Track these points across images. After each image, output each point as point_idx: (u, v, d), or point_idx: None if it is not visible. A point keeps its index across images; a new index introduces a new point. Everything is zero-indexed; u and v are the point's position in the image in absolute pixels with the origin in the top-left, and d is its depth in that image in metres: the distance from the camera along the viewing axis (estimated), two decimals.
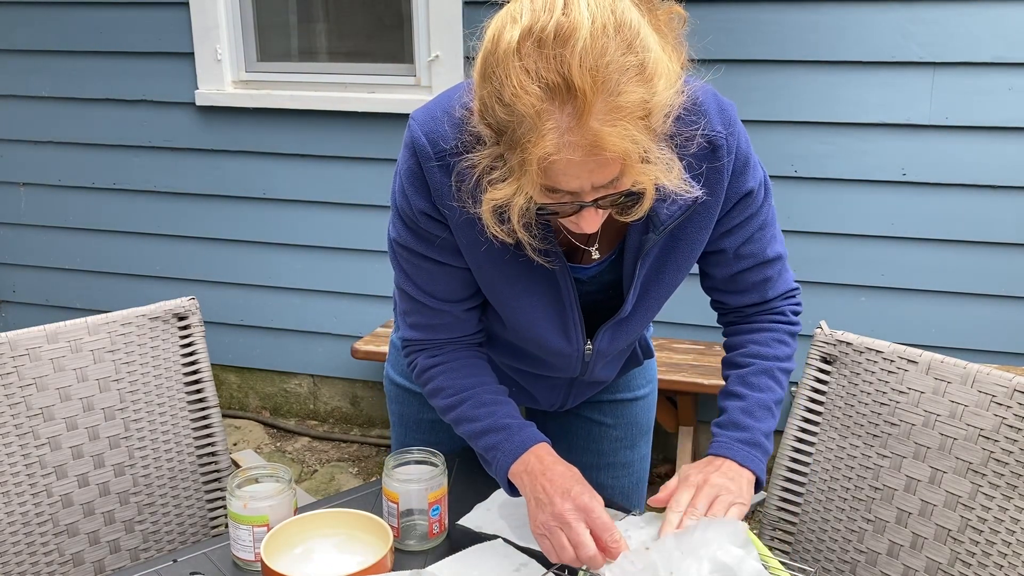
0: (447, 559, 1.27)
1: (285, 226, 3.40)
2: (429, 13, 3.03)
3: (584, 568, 1.16)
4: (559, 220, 1.10)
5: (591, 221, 1.07)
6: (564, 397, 1.49)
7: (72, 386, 1.54)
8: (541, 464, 1.21)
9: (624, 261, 1.24)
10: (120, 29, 3.33)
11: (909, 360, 1.44)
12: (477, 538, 1.31)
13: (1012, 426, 1.32)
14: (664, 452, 3.16)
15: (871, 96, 2.72)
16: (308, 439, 3.53)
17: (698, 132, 1.12)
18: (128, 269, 3.62)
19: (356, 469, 3.32)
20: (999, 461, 1.33)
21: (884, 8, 2.64)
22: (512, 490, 1.26)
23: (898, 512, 1.44)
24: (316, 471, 3.31)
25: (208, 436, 1.68)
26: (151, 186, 3.48)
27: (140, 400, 1.61)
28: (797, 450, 1.56)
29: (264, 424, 3.63)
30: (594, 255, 1.21)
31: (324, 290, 3.44)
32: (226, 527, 1.50)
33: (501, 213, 1.06)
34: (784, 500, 1.58)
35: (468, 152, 1.09)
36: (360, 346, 3.07)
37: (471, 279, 1.27)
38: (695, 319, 2.99)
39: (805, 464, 1.56)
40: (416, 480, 1.31)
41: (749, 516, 1.25)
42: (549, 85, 0.95)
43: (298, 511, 1.33)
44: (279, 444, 3.50)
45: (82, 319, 1.56)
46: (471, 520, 1.35)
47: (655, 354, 1.60)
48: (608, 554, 1.13)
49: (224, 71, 3.28)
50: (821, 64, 2.74)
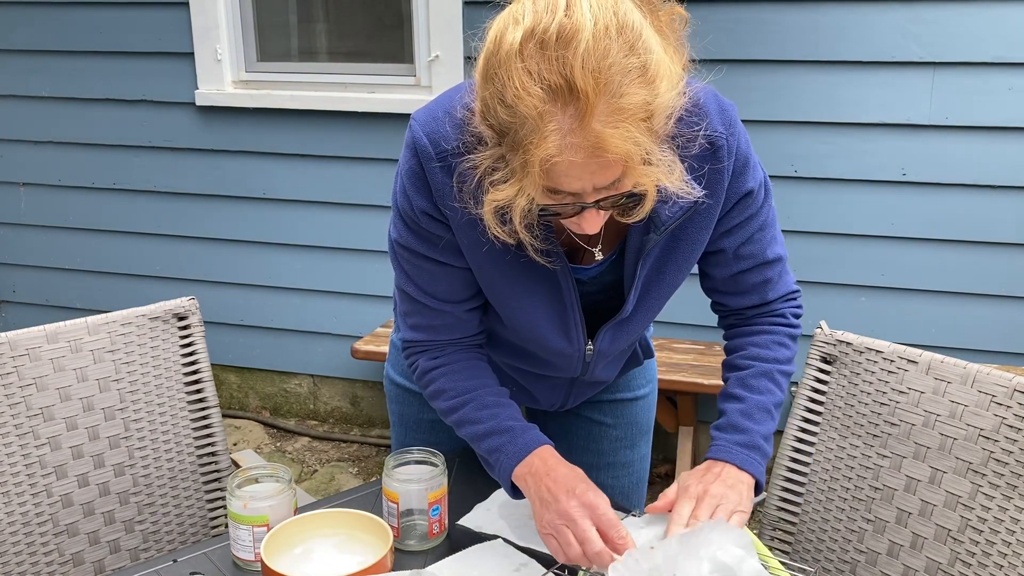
0: (447, 559, 1.27)
1: (285, 226, 3.40)
2: (429, 13, 3.03)
3: (585, 568, 1.16)
4: (561, 221, 1.10)
5: (593, 222, 1.07)
6: (564, 397, 1.49)
7: (72, 386, 1.54)
8: (545, 465, 1.21)
9: (625, 261, 1.24)
10: (120, 29, 3.33)
11: (909, 360, 1.44)
12: (477, 538, 1.31)
13: (1012, 426, 1.32)
14: (664, 452, 3.16)
15: (871, 96, 2.72)
16: (308, 439, 3.53)
17: (700, 133, 1.12)
18: (128, 269, 3.62)
19: (356, 469, 3.32)
20: (999, 461, 1.33)
21: (884, 8, 2.64)
22: (515, 492, 1.26)
23: (898, 512, 1.44)
24: (316, 471, 3.31)
25: (208, 436, 1.68)
26: (151, 186, 3.48)
27: (140, 400, 1.61)
28: (797, 450, 1.56)
29: (264, 424, 3.63)
30: (597, 255, 1.21)
31: (324, 290, 3.44)
32: (226, 527, 1.50)
33: (503, 214, 1.06)
34: (784, 500, 1.58)
35: (469, 153, 1.09)
36: (360, 346, 3.07)
37: (472, 279, 1.27)
38: (695, 319, 2.99)
39: (805, 464, 1.56)
40: (416, 480, 1.31)
41: (749, 516, 1.25)
42: (551, 87, 0.95)
43: (298, 511, 1.33)
44: (279, 444, 3.50)
45: (82, 319, 1.56)
46: (471, 520, 1.35)
47: (655, 354, 1.60)
48: (615, 550, 1.13)
49: (224, 71, 3.28)
50: (821, 64, 2.74)
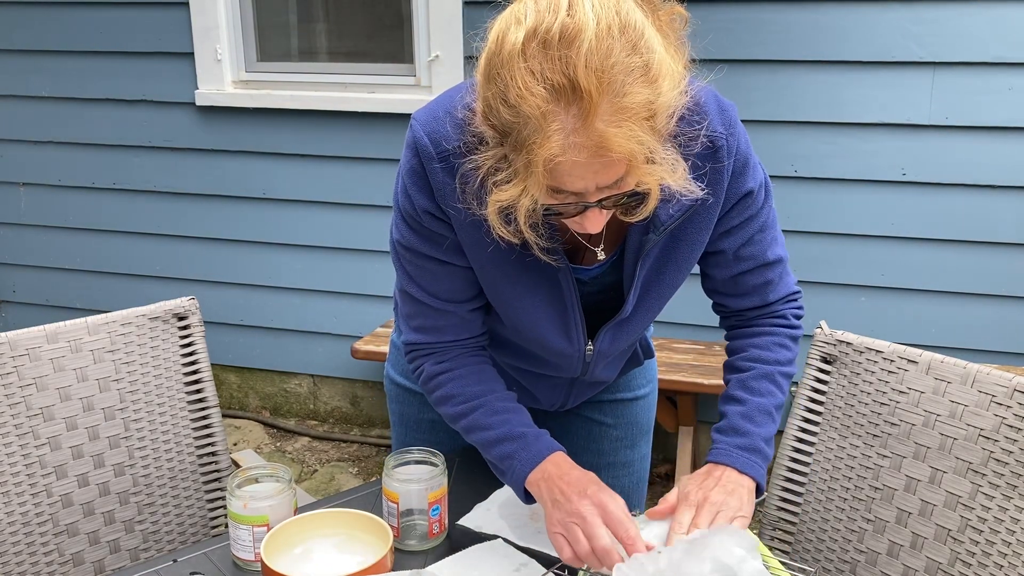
0: (447, 559, 1.27)
1: (285, 226, 3.40)
2: (429, 13, 3.03)
3: (585, 568, 1.16)
4: (563, 220, 1.10)
5: (595, 221, 1.07)
6: (565, 397, 1.49)
7: (72, 386, 1.54)
8: (559, 470, 1.22)
9: (625, 262, 1.24)
10: (120, 29, 3.33)
11: (909, 360, 1.44)
12: (477, 538, 1.31)
13: (1012, 426, 1.32)
14: (664, 452, 3.16)
15: (871, 96, 2.72)
16: (308, 439, 3.53)
17: (701, 132, 1.12)
18: (128, 269, 3.62)
19: (356, 469, 3.32)
20: (999, 461, 1.33)
21: (885, 8, 2.64)
22: (527, 498, 1.26)
23: (898, 512, 1.44)
24: (316, 471, 3.31)
25: (208, 436, 1.68)
26: (151, 186, 3.48)
27: (140, 400, 1.61)
28: (797, 450, 1.56)
29: (264, 424, 3.63)
30: (599, 255, 1.21)
31: (324, 290, 3.44)
32: (226, 527, 1.50)
33: (507, 214, 1.06)
34: (784, 500, 1.58)
35: (471, 153, 1.09)
36: (360, 346, 3.07)
37: (475, 278, 1.27)
38: (695, 319, 2.99)
39: (805, 464, 1.56)
40: (416, 480, 1.31)
41: (750, 520, 1.25)
42: (554, 86, 0.95)
43: (298, 511, 1.33)
44: (279, 444, 3.50)
45: (82, 319, 1.55)
46: (471, 520, 1.35)
47: (655, 354, 1.60)
48: (625, 547, 1.13)
49: (224, 71, 3.28)
50: (821, 64, 2.74)
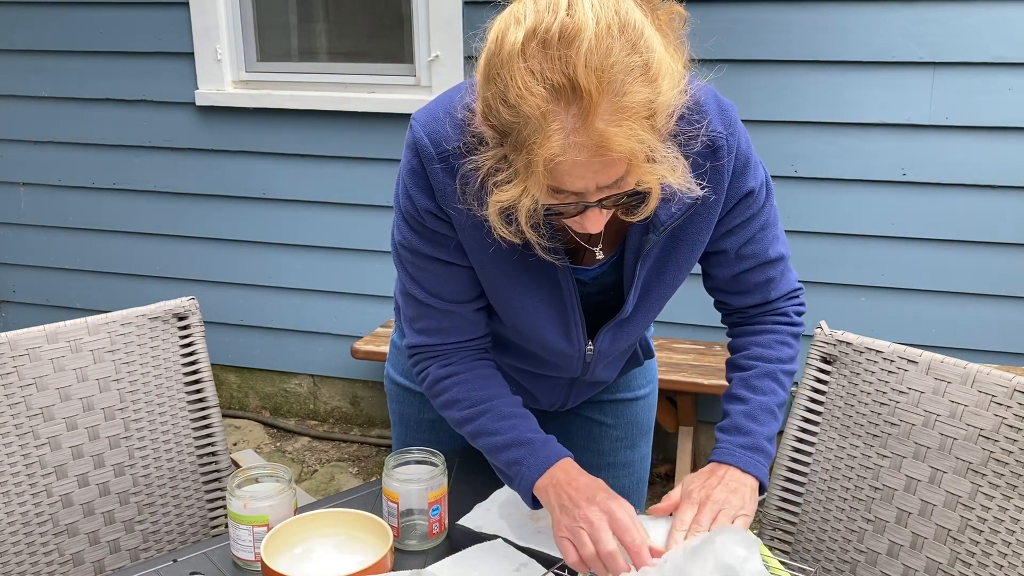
0: (447, 559, 1.27)
1: (285, 226, 3.40)
2: (429, 13, 3.03)
3: (589, 574, 1.16)
4: (563, 220, 1.10)
5: (596, 221, 1.07)
6: (565, 397, 1.49)
7: (72, 386, 1.54)
8: (567, 476, 1.22)
9: (625, 262, 1.24)
10: (120, 29, 3.33)
11: (909, 360, 1.44)
12: (477, 538, 1.31)
13: (1012, 426, 1.32)
14: (664, 452, 3.16)
15: (871, 96, 2.72)
16: (308, 439, 3.53)
17: (700, 132, 1.12)
18: (128, 269, 3.62)
19: (356, 469, 3.32)
20: (999, 461, 1.33)
21: (885, 8, 2.64)
22: (535, 503, 1.26)
23: (898, 512, 1.44)
24: (316, 471, 3.31)
25: (208, 436, 1.68)
26: (151, 186, 3.48)
27: (140, 400, 1.61)
28: (797, 450, 1.56)
29: (264, 424, 3.63)
30: (598, 255, 1.21)
31: (324, 290, 3.44)
32: (226, 527, 1.50)
33: (507, 215, 1.06)
34: (784, 500, 1.58)
35: (471, 153, 1.09)
36: (360, 346, 3.07)
37: (478, 278, 1.27)
38: (695, 319, 2.99)
39: (805, 464, 1.56)
40: (416, 480, 1.31)
41: (752, 519, 1.25)
42: (554, 86, 0.95)
43: (298, 511, 1.33)
44: (279, 444, 3.50)
45: (82, 319, 1.55)
46: (471, 520, 1.35)
47: (655, 354, 1.60)
48: (631, 554, 1.13)
49: (224, 71, 3.28)
50: (822, 64, 2.74)
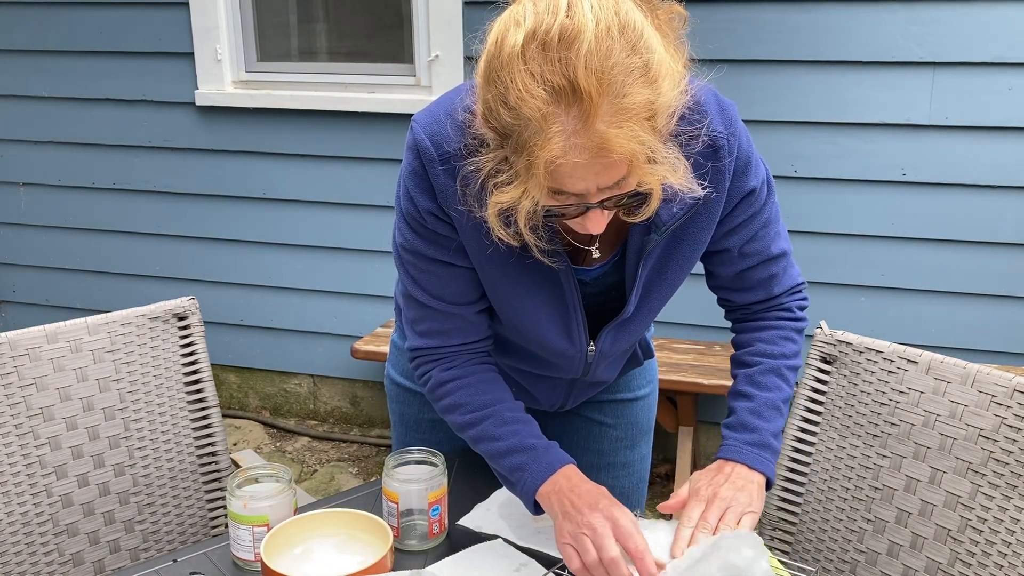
0: (447, 559, 1.27)
1: (285, 226, 3.40)
2: (429, 13, 3.03)
3: None
4: (564, 222, 1.10)
5: (597, 222, 1.07)
6: (565, 397, 1.49)
7: (72, 386, 1.54)
8: (569, 483, 1.22)
9: (626, 262, 1.24)
10: (120, 29, 3.33)
11: (909, 360, 1.44)
12: (477, 538, 1.31)
13: (1012, 426, 1.32)
14: (664, 452, 3.16)
15: (871, 96, 2.72)
16: (308, 439, 3.53)
17: (701, 132, 1.12)
18: (128, 269, 3.62)
19: (356, 469, 3.32)
20: (999, 461, 1.33)
21: (884, 8, 2.64)
22: (536, 509, 1.26)
23: (898, 512, 1.44)
24: (316, 471, 3.31)
25: (208, 436, 1.68)
26: (151, 186, 3.48)
27: (140, 400, 1.61)
28: (797, 450, 1.56)
29: (264, 424, 3.63)
30: (594, 254, 1.21)
31: (324, 290, 3.44)
32: (226, 527, 1.50)
33: (507, 216, 1.06)
34: (784, 500, 1.58)
35: (472, 155, 1.09)
36: (360, 346, 3.07)
37: (479, 280, 1.27)
38: (695, 319, 2.99)
39: (805, 464, 1.56)
40: (416, 480, 1.31)
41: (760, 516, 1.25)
42: (555, 88, 0.95)
43: (298, 511, 1.33)
44: (279, 444, 3.50)
45: (82, 319, 1.55)
46: (471, 520, 1.35)
47: (655, 354, 1.60)
48: (634, 560, 1.13)
49: (224, 71, 3.28)
50: (821, 64, 2.74)
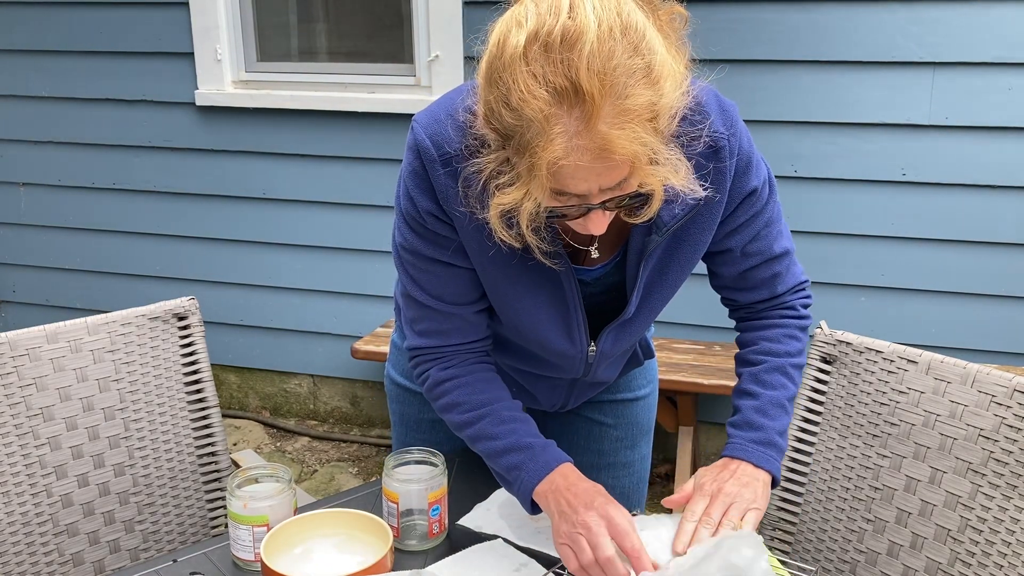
0: (447, 559, 1.27)
1: (285, 226, 3.40)
2: (429, 13, 3.03)
3: None
4: (566, 222, 1.10)
5: (599, 223, 1.07)
6: (565, 397, 1.49)
7: (72, 386, 1.54)
8: (566, 481, 1.21)
9: (627, 263, 1.24)
10: (120, 29, 3.33)
11: (909, 360, 1.44)
12: (477, 538, 1.31)
13: (1012, 426, 1.32)
14: (664, 452, 3.16)
15: (871, 96, 2.72)
16: (308, 439, 3.53)
17: (703, 132, 1.12)
18: (128, 269, 3.62)
19: (356, 469, 3.32)
20: (999, 461, 1.33)
21: (884, 8, 2.64)
22: (534, 509, 1.26)
23: (898, 512, 1.44)
24: (316, 471, 3.31)
25: (208, 436, 1.68)
26: (151, 186, 3.48)
27: (140, 400, 1.61)
28: (797, 450, 1.56)
29: (264, 424, 3.63)
30: (593, 254, 1.21)
31: (324, 290, 3.44)
32: (226, 527, 1.50)
33: (509, 218, 1.06)
34: (784, 500, 1.58)
35: (473, 155, 1.09)
36: (360, 346, 3.07)
37: (479, 280, 1.27)
38: (695, 319, 2.99)
39: (805, 464, 1.56)
40: (416, 480, 1.31)
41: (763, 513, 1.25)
42: (557, 89, 0.95)
43: (298, 511, 1.33)
44: (279, 444, 3.50)
45: (82, 319, 1.55)
46: (471, 520, 1.35)
47: (655, 354, 1.60)
48: (630, 560, 1.13)
49: (224, 71, 3.28)
50: (821, 64, 2.74)
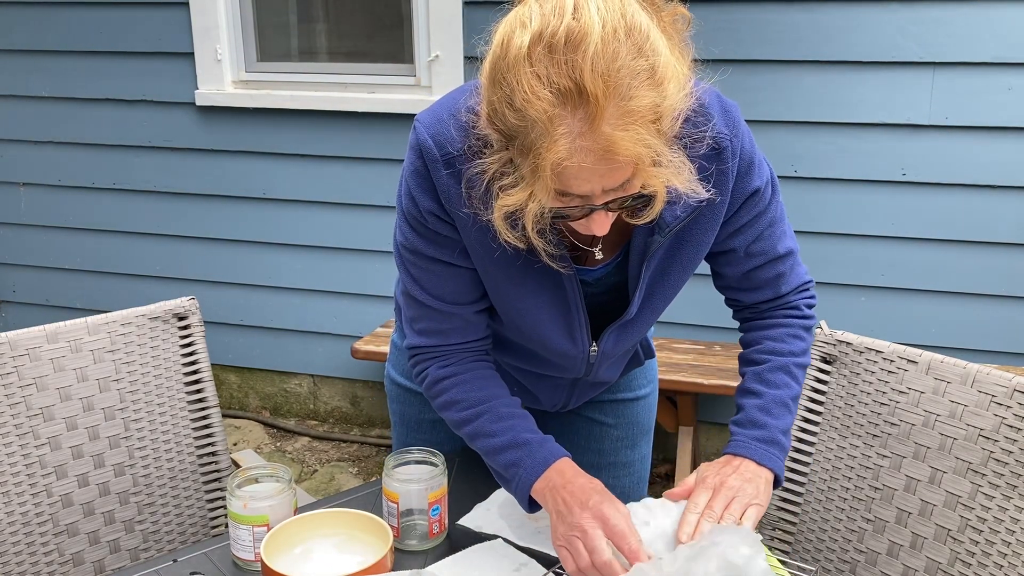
0: (447, 559, 1.27)
1: (285, 226, 3.40)
2: (429, 13, 3.03)
3: None
4: (568, 223, 1.10)
5: (601, 224, 1.07)
6: (567, 397, 1.49)
7: (72, 386, 1.54)
8: (563, 478, 1.21)
9: (629, 263, 1.24)
10: (120, 29, 3.33)
11: (909, 360, 1.44)
12: (477, 538, 1.31)
13: (1012, 426, 1.32)
14: (664, 452, 3.16)
15: (871, 96, 2.72)
16: (308, 439, 3.53)
17: (706, 134, 1.12)
18: (128, 269, 3.62)
19: (356, 469, 3.32)
20: (999, 461, 1.33)
21: (884, 8, 2.64)
22: (531, 506, 1.25)
23: (898, 512, 1.44)
24: (316, 471, 3.31)
25: (208, 436, 1.68)
26: (151, 186, 3.48)
27: (140, 400, 1.61)
28: (797, 450, 1.56)
29: (264, 424, 3.63)
30: (597, 255, 1.21)
31: (324, 290, 3.44)
32: (226, 527, 1.50)
33: (513, 220, 1.06)
34: (784, 500, 1.58)
35: (475, 156, 1.09)
36: (360, 346, 3.07)
37: (480, 279, 1.27)
38: (695, 319, 2.99)
39: (805, 464, 1.56)
40: (416, 480, 1.31)
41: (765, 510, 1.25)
42: (561, 90, 0.95)
43: (298, 511, 1.33)
44: (279, 444, 3.50)
45: (82, 319, 1.56)
46: (471, 520, 1.35)
47: (656, 354, 1.60)
48: (628, 560, 1.13)
49: (224, 71, 3.28)
50: (821, 64, 2.74)
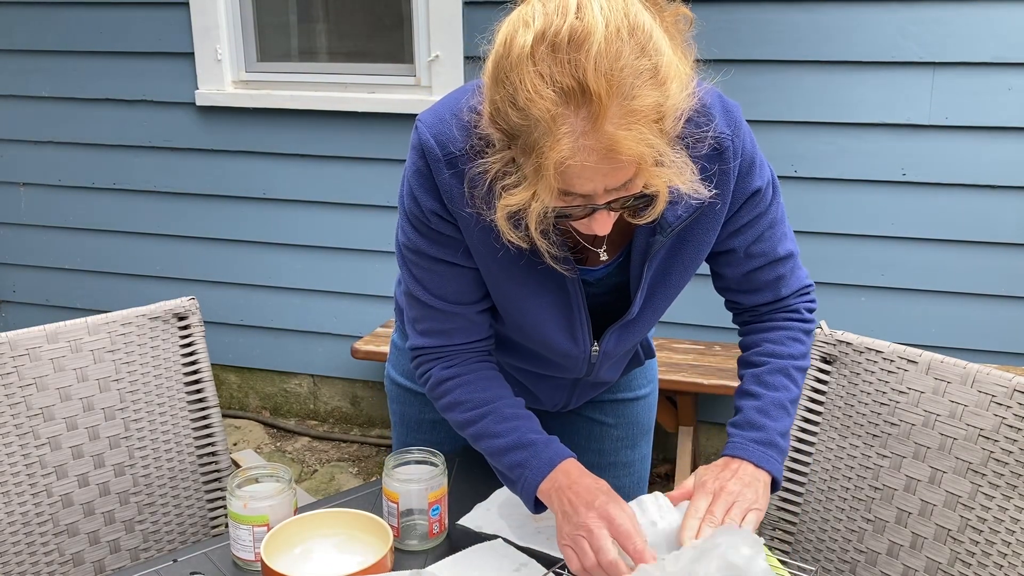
0: (447, 559, 1.27)
1: (285, 226, 3.40)
2: (429, 13, 3.03)
3: None
4: (570, 223, 1.10)
5: (603, 223, 1.07)
6: (568, 397, 1.49)
7: (72, 386, 1.54)
8: (568, 479, 1.21)
9: (631, 263, 1.24)
10: (120, 29, 3.33)
11: (909, 360, 1.45)
12: (477, 538, 1.31)
13: (1012, 426, 1.32)
14: (664, 452, 3.16)
15: (871, 96, 2.72)
16: (308, 439, 3.53)
17: (708, 134, 1.12)
18: (128, 269, 3.62)
19: (356, 469, 3.32)
20: (999, 461, 1.33)
21: (884, 8, 2.64)
22: (537, 507, 1.25)
23: (898, 512, 1.44)
24: (316, 471, 3.31)
25: (208, 436, 1.68)
26: (151, 186, 3.48)
27: (140, 400, 1.61)
28: (797, 450, 1.57)
29: (264, 424, 3.63)
30: (602, 256, 1.21)
31: (324, 290, 3.44)
32: (226, 527, 1.50)
33: (516, 219, 1.06)
34: (784, 500, 1.58)
35: (478, 155, 1.09)
36: (360, 346, 3.07)
37: (482, 280, 1.27)
38: (695, 319, 2.99)
39: (805, 464, 1.56)
40: (416, 480, 1.31)
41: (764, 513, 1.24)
42: (564, 89, 0.95)
43: (298, 511, 1.33)
44: (279, 444, 3.50)
45: (82, 319, 1.56)
46: (471, 520, 1.35)
47: (656, 354, 1.60)
48: (633, 560, 1.13)
49: (224, 71, 3.28)
50: (821, 64, 2.74)
